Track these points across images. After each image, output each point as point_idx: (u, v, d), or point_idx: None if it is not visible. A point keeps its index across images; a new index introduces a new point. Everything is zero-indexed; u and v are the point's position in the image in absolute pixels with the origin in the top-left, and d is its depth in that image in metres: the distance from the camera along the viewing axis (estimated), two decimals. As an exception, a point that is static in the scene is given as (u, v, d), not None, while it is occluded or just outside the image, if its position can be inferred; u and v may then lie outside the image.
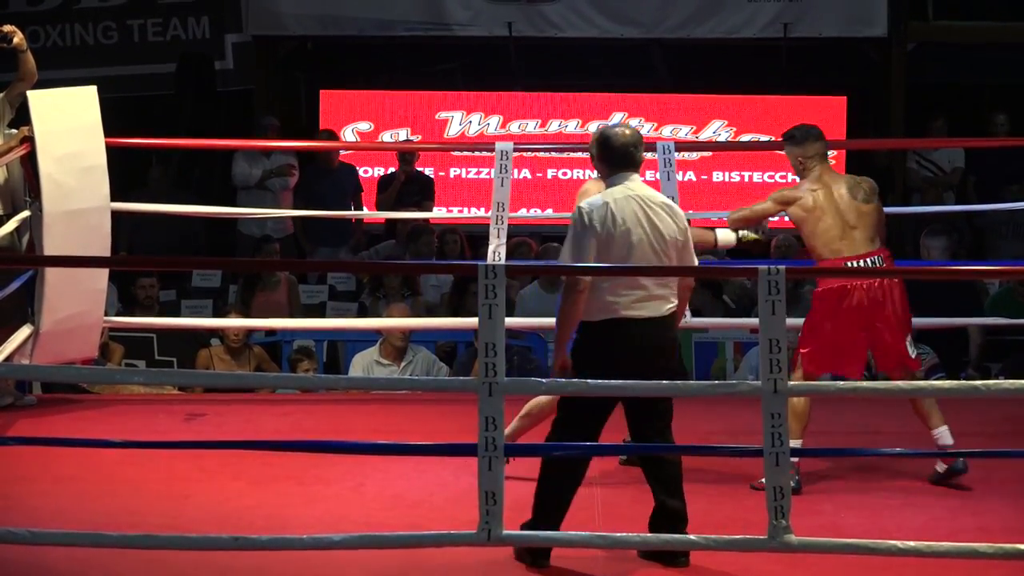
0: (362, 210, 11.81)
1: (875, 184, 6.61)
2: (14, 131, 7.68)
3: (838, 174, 6.68)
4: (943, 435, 6.42)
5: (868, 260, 6.38)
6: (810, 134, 6.60)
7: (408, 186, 11.76)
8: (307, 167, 11.95)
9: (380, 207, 11.70)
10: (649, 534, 5.51)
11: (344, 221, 11.66)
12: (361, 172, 12.09)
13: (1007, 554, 5.38)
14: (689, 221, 5.81)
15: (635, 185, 5.62)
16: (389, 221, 11.68)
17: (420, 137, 12.59)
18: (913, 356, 6.47)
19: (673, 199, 8.04)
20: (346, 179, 11.84)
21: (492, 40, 12.64)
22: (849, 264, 6.35)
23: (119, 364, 9.19)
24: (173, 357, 9.59)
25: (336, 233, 11.70)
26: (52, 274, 7.50)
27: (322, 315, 10.40)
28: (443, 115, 12.67)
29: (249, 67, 13.19)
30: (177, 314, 10.22)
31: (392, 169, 12.01)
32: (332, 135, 12.13)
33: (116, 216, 7.99)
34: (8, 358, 7.40)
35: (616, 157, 5.65)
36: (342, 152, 12.03)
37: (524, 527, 5.51)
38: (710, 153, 12.55)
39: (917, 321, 6.62)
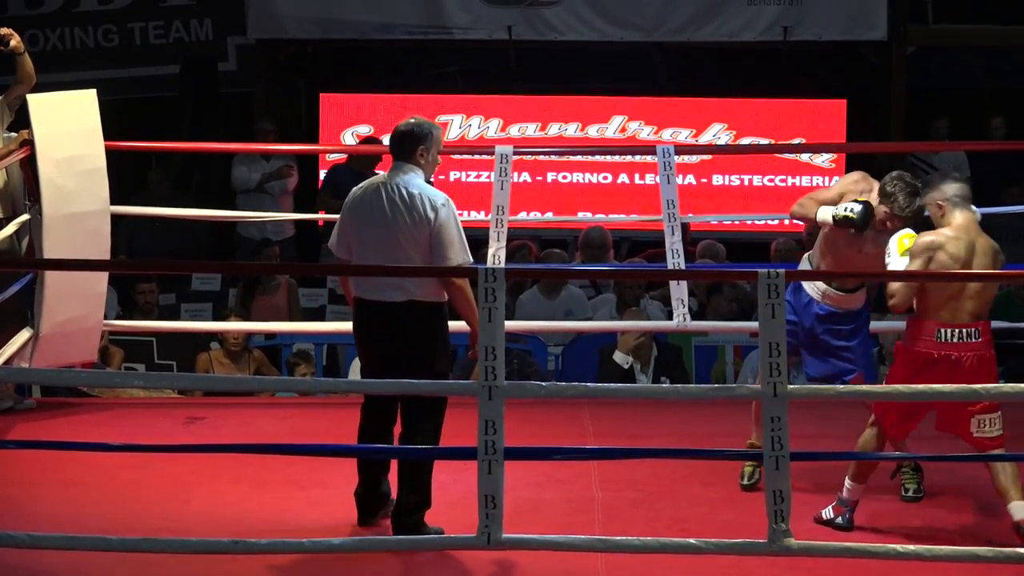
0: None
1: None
2: (13, 134, 7.68)
3: (980, 231, 6.18)
4: (1018, 510, 5.87)
5: (964, 331, 5.94)
6: (947, 177, 6.23)
7: None
8: (341, 168, 11.85)
9: None
10: (649, 538, 5.50)
11: None
12: (361, 175, 12.08)
13: (1007, 558, 5.38)
14: (688, 226, 5.81)
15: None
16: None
17: None
18: (980, 434, 5.94)
19: (672, 202, 8.11)
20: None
21: (492, 43, 12.63)
22: (941, 332, 5.90)
23: (119, 368, 9.18)
24: (173, 361, 9.58)
25: None
26: (52, 277, 7.50)
27: (322, 318, 10.40)
28: (443, 118, 12.63)
29: (252, 69, 13.19)
30: (177, 318, 10.22)
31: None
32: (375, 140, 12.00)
33: (116, 219, 8.00)
34: (8, 361, 7.40)
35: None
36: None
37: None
38: (710, 156, 12.55)
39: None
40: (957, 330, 5.92)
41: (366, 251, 5.95)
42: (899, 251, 6.07)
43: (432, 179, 6.15)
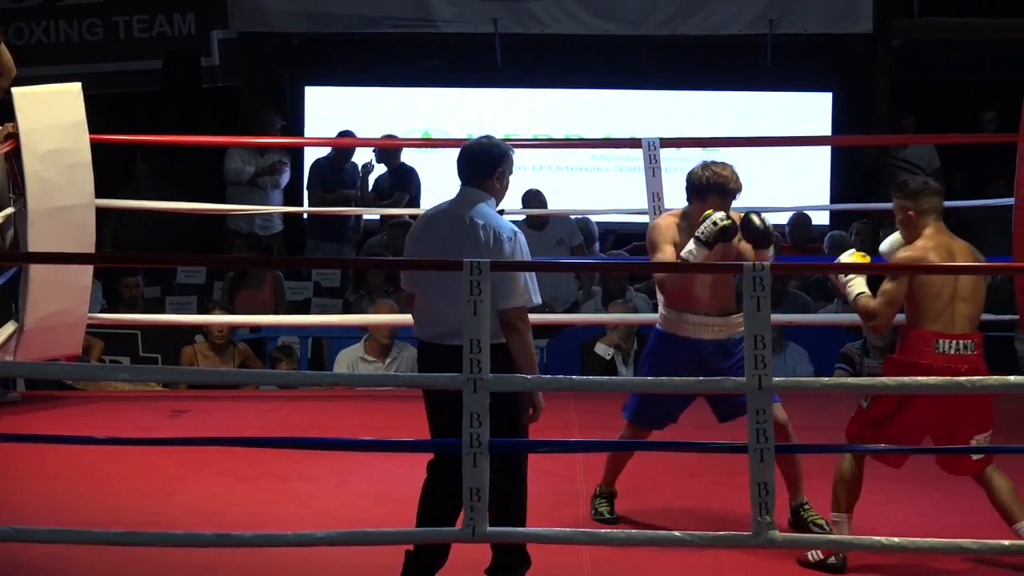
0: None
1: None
2: (-2, 128, 7.67)
3: (953, 235, 5.86)
4: None
5: (961, 343, 5.68)
6: (927, 187, 5.84)
7: (391, 178, 11.69)
8: (323, 161, 11.80)
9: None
10: (634, 531, 5.50)
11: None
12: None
13: (992, 550, 5.39)
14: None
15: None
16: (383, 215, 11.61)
17: None
18: (976, 456, 5.73)
19: (659, 195, 8.11)
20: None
21: (477, 36, 12.63)
22: (940, 344, 5.66)
23: (99, 358, 9.17)
24: (157, 354, 9.58)
25: (346, 229, 11.63)
26: (37, 271, 7.49)
27: (307, 311, 10.39)
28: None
29: (236, 64, 13.17)
30: (162, 311, 10.21)
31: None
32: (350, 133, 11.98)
33: (101, 213, 7.99)
34: (-8, 355, 7.39)
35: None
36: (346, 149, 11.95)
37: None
38: (695, 149, 12.52)
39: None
40: (955, 342, 5.69)
41: (430, 289, 5.39)
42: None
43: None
